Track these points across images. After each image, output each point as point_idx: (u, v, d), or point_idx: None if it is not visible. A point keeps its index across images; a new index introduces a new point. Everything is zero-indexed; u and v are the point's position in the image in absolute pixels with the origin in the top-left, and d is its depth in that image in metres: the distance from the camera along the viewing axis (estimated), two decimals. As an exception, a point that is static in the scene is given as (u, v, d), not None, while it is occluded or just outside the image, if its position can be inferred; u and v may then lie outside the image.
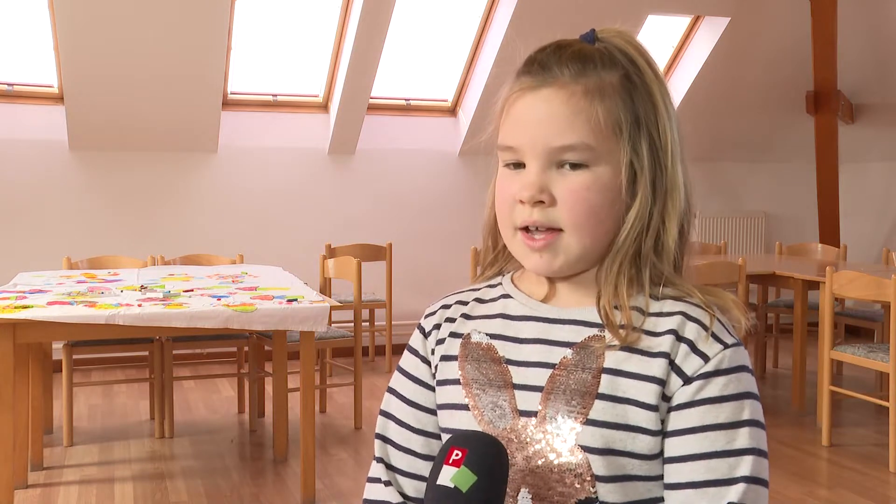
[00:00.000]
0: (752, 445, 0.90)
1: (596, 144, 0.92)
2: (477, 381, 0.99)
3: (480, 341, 1.01)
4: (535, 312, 0.99)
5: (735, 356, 0.92)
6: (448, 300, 1.08)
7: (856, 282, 4.12)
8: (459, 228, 6.25)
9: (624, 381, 0.92)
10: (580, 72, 0.93)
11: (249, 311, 3.33)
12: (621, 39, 0.97)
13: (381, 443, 1.06)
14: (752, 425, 0.90)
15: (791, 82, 6.54)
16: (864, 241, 6.96)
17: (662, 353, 0.92)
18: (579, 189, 0.92)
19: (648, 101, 0.95)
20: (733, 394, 0.91)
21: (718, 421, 0.90)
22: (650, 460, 0.92)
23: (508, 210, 0.96)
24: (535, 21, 5.50)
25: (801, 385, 4.87)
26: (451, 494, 0.82)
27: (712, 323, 0.93)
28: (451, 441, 0.85)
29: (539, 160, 0.93)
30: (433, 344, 1.05)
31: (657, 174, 0.94)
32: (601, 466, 0.91)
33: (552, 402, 0.94)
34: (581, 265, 0.96)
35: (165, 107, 5.53)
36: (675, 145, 0.95)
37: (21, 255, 5.39)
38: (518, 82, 0.96)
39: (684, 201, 0.96)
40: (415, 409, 1.05)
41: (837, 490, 3.70)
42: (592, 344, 0.94)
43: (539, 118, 0.93)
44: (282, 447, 4.00)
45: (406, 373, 1.07)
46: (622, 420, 0.91)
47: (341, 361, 5.07)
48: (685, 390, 0.91)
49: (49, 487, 3.65)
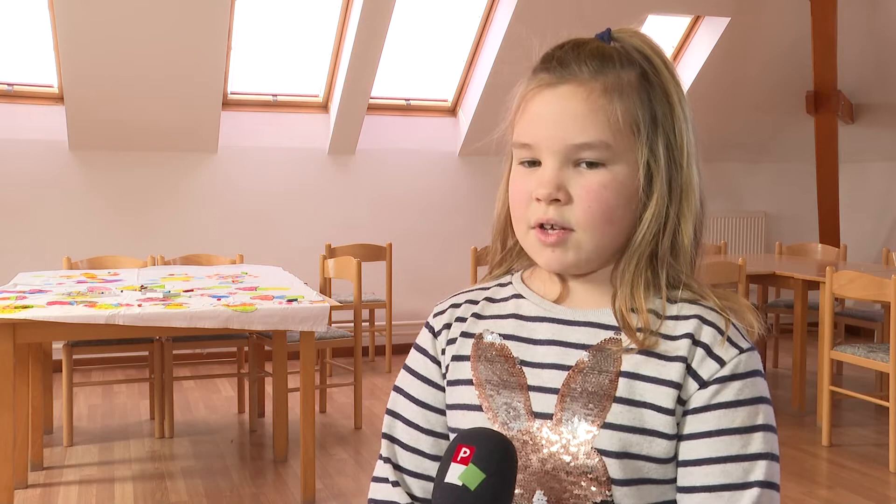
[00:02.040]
0: (766, 450, 0.90)
1: (614, 143, 0.91)
2: (490, 382, 0.98)
3: (493, 342, 1.00)
4: (549, 313, 0.99)
5: (750, 361, 0.92)
6: (457, 299, 1.07)
7: (856, 282, 4.12)
8: (459, 228, 6.25)
9: (641, 384, 0.92)
10: (599, 69, 0.93)
11: (249, 311, 3.32)
12: (638, 39, 0.97)
13: (389, 442, 1.05)
14: (767, 430, 0.91)
15: (791, 82, 6.54)
16: (864, 241, 6.96)
17: (679, 357, 0.92)
18: (596, 188, 0.92)
19: (665, 100, 0.94)
20: (748, 398, 0.91)
21: (734, 425, 0.90)
22: (665, 463, 0.91)
23: (524, 207, 0.95)
24: (535, 21, 5.50)
25: (801, 385, 4.87)
26: (459, 492, 0.81)
27: (728, 327, 0.93)
28: (459, 439, 0.84)
29: (556, 158, 0.92)
30: (444, 343, 1.04)
31: (673, 174, 0.94)
32: (617, 470, 0.91)
33: (568, 404, 0.93)
34: (594, 264, 0.96)
35: (165, 107, 5.53)
36: (691, 146, 0.95)
37: (21, 255, 5.39)
38: (536, 79, 0.95)
39: (699, 202, 0.95)
40: (423, 408, 1.04)
41: (837, 490, 3.70)
42: (609, 347, 0.94)
43: (557, 115, 0.92)
44: (282, 447, 4.00)
45: (414, 372, 1.06)
46: (639, 424, 0.91)
47: (341, 361, 5.07)
48: (701, 394, 0.91)
49: (49, 487, 3.65)
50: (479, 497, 0.81)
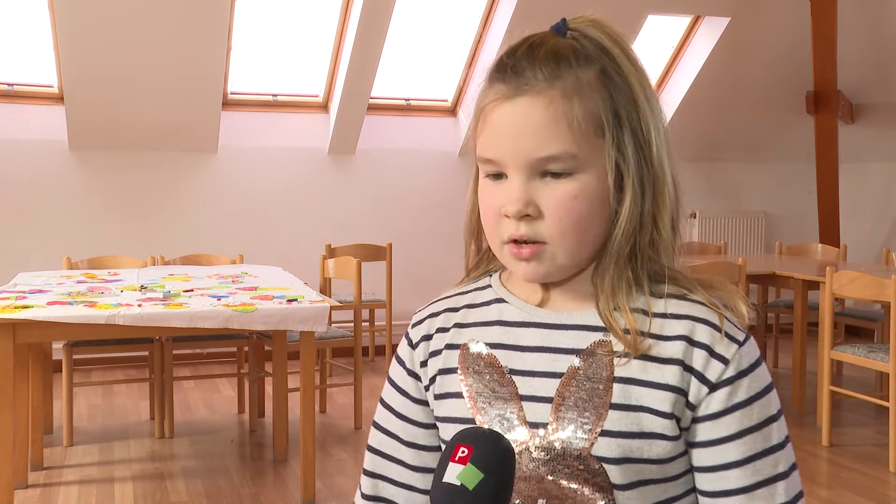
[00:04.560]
0: (784, 435, 0.92)
1: (579, 151, 0.89)
2: (482, 395, 0.96)
3: (480, 352, 0.98)
4: (534, 318, 0.96)
5: (750, 351, 0.92)
6: (435, 307, 1.04)
7: (856, 282, 4.12)
8: (459, 228, 6.13)
9: (637, 388, 0.90)
10: (555, 73, 0.89)
11: (249, 311, 3.32)
12: (595, 30, 0.92)
13: (371, 454, 1.05)
14: (779, 416, 0.92)
15: (791, 82, 6.54)
16: (864, 241, 6.96)
17: (675, 359, 0.90)
18: (565, 199, 0.89)
19: (628, 94, 0.91)
20: (759, 392, 0.91)
21: (753, 423, 0.90)
22: (665, 463, 0.91)
23: (494, 223, 0.93)
24: (535, 21, 5.46)
25: (801, 385, 4.87)
26: (457, 492, 0.80)
27: (723, 322, 0.91)
28: (457, 438, 0.83)
29: (522, 172, 0.90)
30: (423, 356, 1.02)
31: (644, 170, 0.91)
32: (618, 475, 0.90)
33: (563, 413, 0.92)
34: (573, 270, 0.94)
35: (165, 107, 5.53)
36: (659, 137, 0.92)
37: (21, 255, 5.39)
38: (493, 90, 0.92)
39: (673, 192, 0.93)
40: (403, 420, 1.03)
41: (837, 490, 3.70)
42: (599, 351, 0.92)
43: (518, 129, 0.89)
44: (282, 447, 4.00)
45: (393, 383, 1.05)
46: (637, 428, 0.89)
47: (341, 361, 5.07)
48: (714, 398, 0.90)
49: (49, 487, 3.65)
50: (478, 496, 0.80)
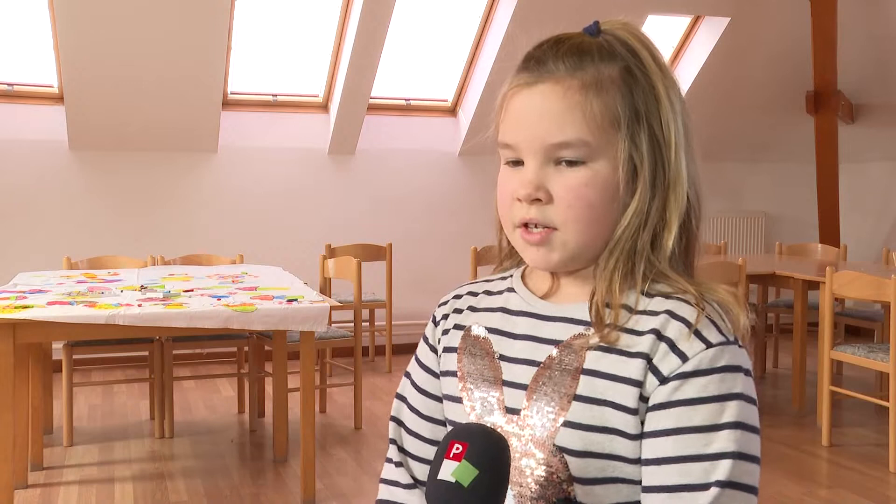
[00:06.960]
0: (732, 449, 0.85)
1: (592, 140, 0.90)
2: (471, 376, 1.00)
3: (479, 335, 1.01)
4: (531, 308, 0.99)
5: (720, 356, 0.87)
6: (461, 290, 1.09)
7: (856, 282, 4.12)
8: (459, 228, 6.25)
9: (602, 382, 0.90)
10: (576, 66, 0.92)
11: (249, 311, 3.32)
12: (625, 31, 0.96)
13: (395, 425, 1.08)
14: (735, 427, 0.85)
15: (791, 82, 6.54)
16: (864, 241, 6.96)
17: (641, 353, 0.89)
18: (576, 186, 0.91)
19: (650, 93, 0.93)
20: (714, 395, 0.86)
21: (693, 424, 0.86)
22: (636, 463, 0.89)
23: (508, 207, 0.96)
24: (535, 21, 5.48)
25: (801, 385, 4.87)
26: (452, 489, 0.81)
27: (699, 321, 0.88)
28: (452, 435, 0.84)
29: (536, 157, 0.92)
30: (440, 333, 1.07)
31: (658, 169, 0.92)
32: (579, 468, 0.90)
33: (535, 401, 0.93)
34: (581, 260, 0.95)
35: (165, 107, 5.53)
36: (680, 139, 0.93)
37: (21, 255, 5.39)
38: (515, 78, 0.95)
39: (687, 196, 0.93)
40: (424, 395, 1.07)
41: (837, 490, 3.70)
42: (575, 343, 0.93)
43: (535, 115, 0.92)
44: (282, 447, 4.00)
45: (418, 359, 1.09)
46: (600, 422, 0.89)
47: (341, 361, 5.07)
48: (661, 391, 0.87)
49: (49, 487, 3.65)
50: (473, 493, 0.80)
